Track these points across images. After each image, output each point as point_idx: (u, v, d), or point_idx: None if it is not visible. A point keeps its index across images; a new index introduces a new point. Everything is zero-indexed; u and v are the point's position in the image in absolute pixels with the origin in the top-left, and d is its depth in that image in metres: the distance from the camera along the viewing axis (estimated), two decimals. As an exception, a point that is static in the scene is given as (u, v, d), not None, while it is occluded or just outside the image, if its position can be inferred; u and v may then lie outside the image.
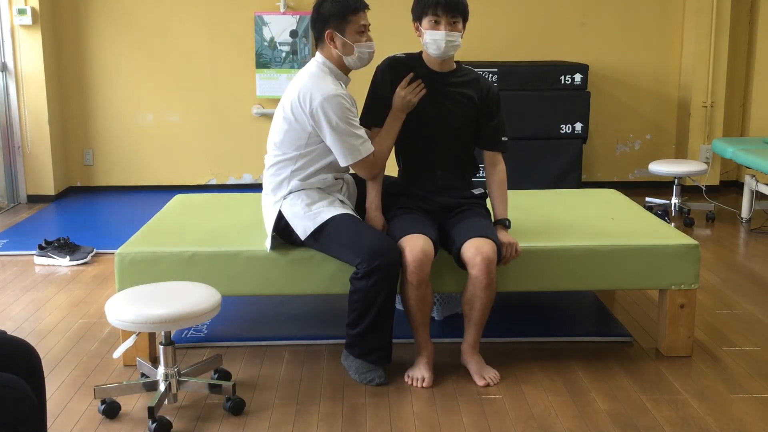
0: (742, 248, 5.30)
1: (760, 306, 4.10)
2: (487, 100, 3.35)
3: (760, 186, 5.62)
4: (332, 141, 3.17)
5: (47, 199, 6.44)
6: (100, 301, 4.15)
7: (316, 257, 3.28)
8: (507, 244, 3.23)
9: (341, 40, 3.20)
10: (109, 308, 2.86)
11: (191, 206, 4.07)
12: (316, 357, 3.46)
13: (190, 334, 3.67)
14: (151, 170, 6.81)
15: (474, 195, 3.43)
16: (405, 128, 3.31)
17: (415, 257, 3.06)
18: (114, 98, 6.69)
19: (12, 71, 6.30)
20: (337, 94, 3.14)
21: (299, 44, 6.53)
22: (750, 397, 3.10)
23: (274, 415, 2.98)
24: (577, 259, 3.35)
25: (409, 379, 3.21)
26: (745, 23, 6.72)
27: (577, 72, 6.13)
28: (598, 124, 6.74)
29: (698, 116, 6.67)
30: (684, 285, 3.38)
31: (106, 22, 6.57)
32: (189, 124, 6.77)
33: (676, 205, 5.86)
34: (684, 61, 6.72)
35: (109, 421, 2.93)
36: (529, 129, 6.08)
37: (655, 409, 3.00)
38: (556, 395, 3.11)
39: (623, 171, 6.94)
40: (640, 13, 6.70)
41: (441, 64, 3.32)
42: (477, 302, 3.15)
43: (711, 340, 3.64)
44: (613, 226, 3.66)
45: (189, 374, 3.07)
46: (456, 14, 3.21)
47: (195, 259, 3.30)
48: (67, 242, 4.88)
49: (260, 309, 3.98)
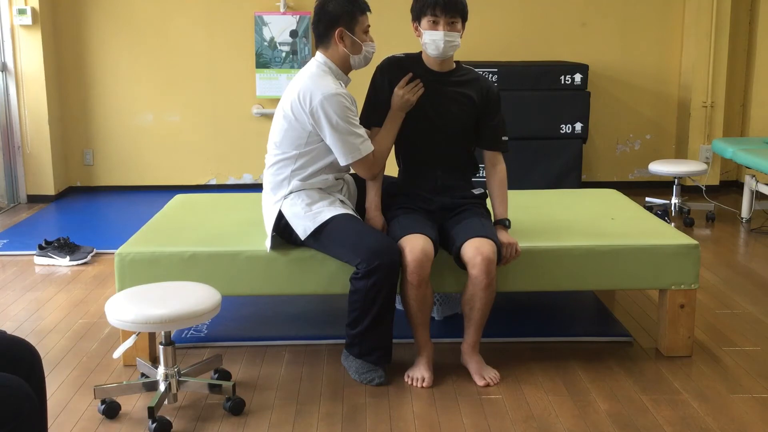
0: (742, 248, 5.30)
1: (760, 306, 4.10)
2: (487, 99, 3.35)
3: (760, 186, 5.62)
4: (332, 140, 3.17)
5: (47, 199, 6.44)
6: (100, 301, 4.15)
7: (316, 257, 3.28)
8: (507, 244, 3.23)
9: (351, 38, 3.20)
10: (109, 308, 2.86)
11: (191, 206, 4.07)
12: (316, 357, 3.46)
13: (190, 334, 3.67)
14: (151, 170, 6.80)
15: (474, 195, 3.43)
16: (405, 128, 3.31)
17: (415, 257, 3.06)
18: (114, 98, 6.69)
19: (12, 71, 6.30)
20: (337, 93, 3.14)
21: (299, 44, 6.53)
22: (750, 397, 3.10)
23: (274, 415, 2.98)
24: (577, 259, 3.35)
25: (409, 379, 3.21)
26: (745, 23, 6.72)
27: (577, 72, 6.12)
28: (598, 124, 6.74)
29: (698, 116, 6.66)
30: (684, 285, 3.38)
31: (106, 22, 6.57)
32: (189, 124, 6.76)
33: (676, 205, 5.86)
34: (684, 61, 6.72)
35: (109, 421, 2.93)
36: (529, 129, 6.08)
37: (655, 409, 3.00)
38: (556, 395, 3.11)
39: (623, 171, 6.93)
40: (640, 13, 6.70)
41: (440, 64, 3.32)
42: (477, 302, 3.15)
43: (711, 340, 3.64)
44: (613, 226, 3.66)
45: (189, 374, 3.07)
46: (454, 14, 3.21)
47: (195, 259, 3.30)
48: (67, 242, 4.87)
49: (260, 309, 3.98)
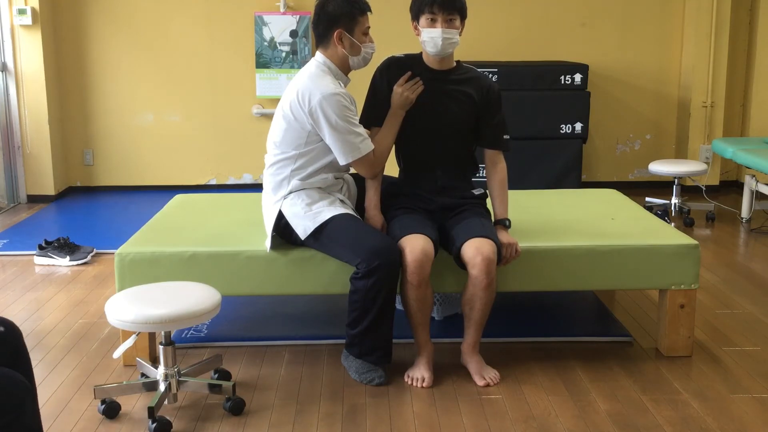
0: (742, 248, 5.30)
1: (760, 306, 4.10)
2: (488, 98, 3.35)
3: (760, 186, 5.62)
4: (331, 139, 3.17)
5: (47, 199, 6.44)
6: (100, 301, 4.15)
7: (316, 257, 3.28)
8: (507, 244, 3.23)
9: (350, 40, 3.21)
10: (109, 308, 2.86)
11: (191, 206, 4.07)
12: (316, 357, 3.46)
13: (190, 334, 3.67)
14: (151, 170, 6.80)
15: (474, 195, 3.42)
16: (405, 126, 3.31)
17: (415, 257, 3.06)
18: (114, 98, 6.69)
19: (12, 71, 6.30)
20: (336, 92, 3.14)
21: (299, 44, 6.53)
22: (750, 397, 3.10)
23: (274, 415, 2.98)
24: (577, 259, 3.35)
25: (409, 379, 3.21)
26: (745, 23, 6.72)
27: (577, 72, 6.12)
28: (598, 124, 6.74)
29: (698, 116, 6.66)
30: (684, 285, 3.38)
31: (106, 22, 6.57)
32: (189, 124, 6.76)
33: (676, 205, 5.86)
34: (684, 61, 6.72)
35: (109, 421, 2.93)
36: (529, 129, 6.08)
37: (655, 409, 3.00)
38: (556, 395, 3.11)
39: (623, 171, 6.93)
40: (640, 13, 6.70)
41: (440, 63, 3.32)
42: (477, 302, 3.15)
43: (711, 340, 3.64)
44: (613, 226, 3.66)
45: (189, 374, 3.07)
46: (452, 11, 3.21)
47: (195, 259, 3.30)
48: (67, 242, 4.87)
49: (260, 309, 3.98)
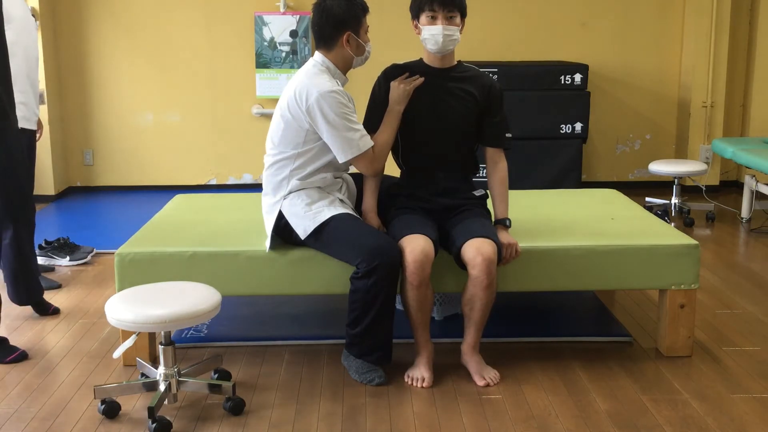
0: (742, 248, 5.30)
1: (760, 306, 4.10)
2: (489, 96, 3.34)
3: (760, 186, 5.62)
4: (329, 137, 3.17)
5: (47, 199, 6.43)
6: (100, 301, 4.14)
7: (316, 257, 3.28)
8: (507, 244, 3.22)
9: (356, 41, 3.22)
10: (109, 308, 2.86)
11: (191, 206, 4.07)
12: (316, 357, 3.46)
13: (190, 334, 3.67)
14: (151, 170, 6.80)
15: (475, 197, 3.42)
16: (405, 125, 3.31)
17: (415, 258, 3.06)
18: (114, 98, 6.69)
19: (12, 71, 6.29)
20: (333, 90, 3.14)
21: (299, 44, 6.53)
22: (750, 397, 3.10)
23: (274, 415, 2.98)
24: (577, 259, 3.35)
25: (409, 379, 3.21)
26: (745, 23, 6.72)
27: (577, 72, 6.12)
28: (598, 124, 6.73)
29: (698, 116, 6.66)
30: (684, 285, 3.38)
31: (106, 22, 6.57)
32: (189, 124, 6.76)
33: (676, 205, 5.86)
34: (684, 61, 6.72)
35: (109, 421, 2.93)
36: (529, 129, 6.08)
37: (655, 409, 3.00)
38: (556, 395, 3.11)
39: (623, 171, 6.93)
40: (640, 13, 6.70)
41: (441, 61, 3.31)
42: (477, 302, 3.15)
43: (711, 340, 3.64)
44: (613, 226, 3.66)
45: (189, 374, 3.07)
46: (452, 9, 3.21)
47: (195, 259, 3.30)
48: (67, 242, 4.87)
49: (260, 309, 3.98)
